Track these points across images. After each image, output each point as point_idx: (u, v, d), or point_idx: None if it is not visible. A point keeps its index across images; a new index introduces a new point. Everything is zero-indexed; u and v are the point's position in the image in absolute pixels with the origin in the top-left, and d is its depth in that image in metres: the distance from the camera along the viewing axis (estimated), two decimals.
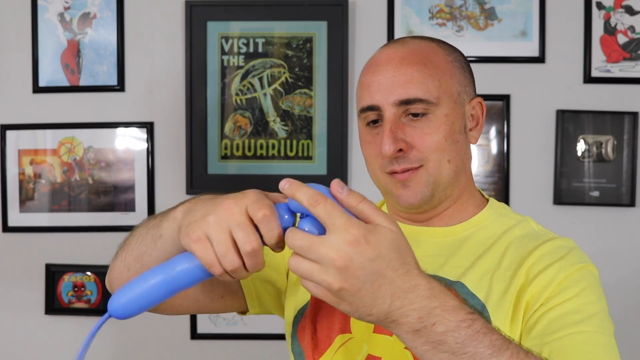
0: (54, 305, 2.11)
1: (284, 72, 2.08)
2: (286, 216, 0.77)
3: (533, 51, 2.05)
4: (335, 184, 0.73)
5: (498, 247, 1.02)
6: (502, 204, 1.12)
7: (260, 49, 2.08)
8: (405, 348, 1.00)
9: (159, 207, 2.07)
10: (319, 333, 1.06)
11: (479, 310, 0.77)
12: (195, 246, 0.76)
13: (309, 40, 2.07)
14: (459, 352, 0.72)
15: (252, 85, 2.08)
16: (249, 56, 2.08)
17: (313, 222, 0.73)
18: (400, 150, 0.99)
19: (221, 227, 0.75)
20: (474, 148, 2.05)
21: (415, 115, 1.00)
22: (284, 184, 0.73)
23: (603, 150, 2.04)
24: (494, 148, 2.07)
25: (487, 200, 1.12)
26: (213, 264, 0.76)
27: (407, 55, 1.02)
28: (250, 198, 0.76)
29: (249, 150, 2.08)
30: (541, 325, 0.91)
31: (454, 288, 0.99)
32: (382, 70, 1.02)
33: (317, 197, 0.71)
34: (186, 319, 2.10)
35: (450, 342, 0.72)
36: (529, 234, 1.04)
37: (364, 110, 1.03)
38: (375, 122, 1.03)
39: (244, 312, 1.16)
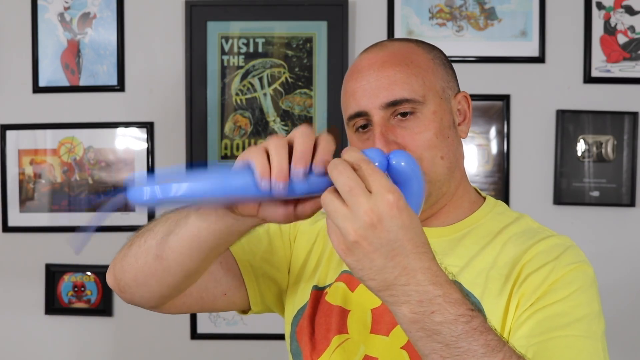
0: (54, 305, 2.11)
1: (284, 72, 2.08)
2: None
3: (533, 51, 2.05)
4: None
5: (494, 245, 1.03)
6: (499, 202, 1.12)
7: (260, 49, 2.08)
8: (402, 348, 1.00)
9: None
10: (317, 334, 1.06)
11: (479, 308, 0.77)
12: (250, 154, 0.76)
13: (309, 40, 2.07)
14: (453, 345, 0.73)
15: (252, 85, 2.08)
16: (249, 56, 2.08)
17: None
18: None
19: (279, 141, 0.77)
20: (474, 148, 2.07)
21: (404, 115, 1.00)
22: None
23: (603, 150, 2.04)
24: (494, 148, 2.07)
25: (484, 198, 1.12)
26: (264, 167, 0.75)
27: (388, 58, 1.03)
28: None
29: None
30: (528, 326, 0.92)
31: None
32: (364, 76, 1.02)
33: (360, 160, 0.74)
34: (186, 319, 2.10)
35: (446, 334, 0.73)
36: (526, 231, 1.04)
37: (352, 117, 1.04)
38: (364, 127, 1.03)
39: (245, 311, 1.16)
